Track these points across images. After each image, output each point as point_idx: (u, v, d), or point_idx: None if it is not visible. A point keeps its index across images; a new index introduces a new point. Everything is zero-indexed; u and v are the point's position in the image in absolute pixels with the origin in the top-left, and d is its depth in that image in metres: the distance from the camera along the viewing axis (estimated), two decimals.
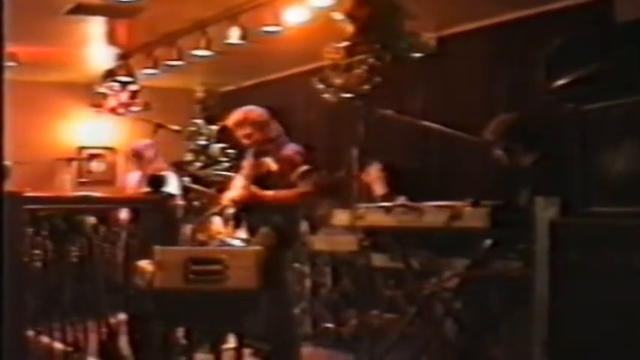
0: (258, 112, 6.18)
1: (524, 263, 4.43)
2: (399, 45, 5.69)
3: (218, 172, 7.42)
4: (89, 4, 7.01)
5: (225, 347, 4.93)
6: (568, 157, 3.78)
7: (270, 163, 6.05)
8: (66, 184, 10.03)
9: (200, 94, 10.43)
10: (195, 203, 6.65)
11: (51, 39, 8.23)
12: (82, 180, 10.99)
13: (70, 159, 10.65)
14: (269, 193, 5.96)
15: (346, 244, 5.90)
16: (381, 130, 6.16)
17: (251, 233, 5.79)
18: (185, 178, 6.80)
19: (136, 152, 8.01)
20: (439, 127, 5.80)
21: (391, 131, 6.97)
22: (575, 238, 3.61)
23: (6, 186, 3.36)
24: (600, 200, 3.58)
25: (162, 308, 4.47)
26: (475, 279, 5.03)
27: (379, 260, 5.57)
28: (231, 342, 5.02)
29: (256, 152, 6.13)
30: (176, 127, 7.72)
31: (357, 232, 5.26)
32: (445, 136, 6.04)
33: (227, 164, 9.20)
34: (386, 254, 5.53)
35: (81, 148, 11.18)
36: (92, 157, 11.24)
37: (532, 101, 5.63)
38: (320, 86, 5.90)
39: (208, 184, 6.79)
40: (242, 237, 5.72)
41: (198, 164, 9.36)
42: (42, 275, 4.50)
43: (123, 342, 4.92)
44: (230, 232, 5.71)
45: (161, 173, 6.82)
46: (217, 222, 5.98)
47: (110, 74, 8.98)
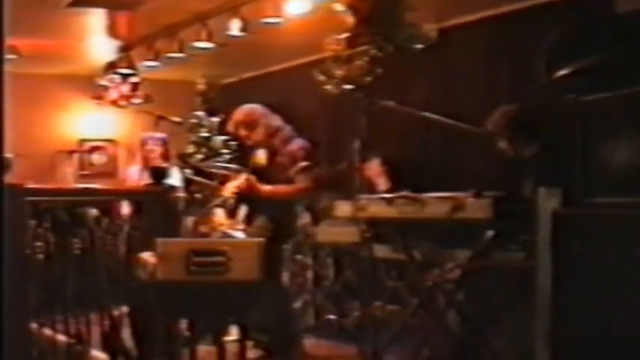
0: (245, 112, 6.18)
1: (526, 254, 4.43)
2: (400, 36, 5.69)
3: (220, 165, 7.41)
4: None
5: (227, 339, 4.94)
6: (570, 148, 3.78)
7: (261, 157, 6.04)
8: (67, 177, 10.06)
9: (201, 87, 10.42)
10: (197, 195, 6.65)
11: (52, 31, 8.22)
12: (84, 172, 10.99)
13: (72, 151, 10.68)
14: (267, 188, 5.97)
15: (348, 236, 5.89)
16: (383, 122, 6.16)
17: (248, 224, 5.79)
18: (187, 171, 6.79)
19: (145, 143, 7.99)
20: (441, 119, 5.80)
21: (393, 123, 6.98)
22: (577, 229, 3.61)
23: (8, 178, 3.36)
24: (602, 191, 3.57)
25: (164, 300, 4.48)
26: (477, 270, 5.03)
27: (381, 251, 5.57)
28: (233, 334, 5.02)
29: (265, 148, 6.14)
30: (177, 119, 7.71)
31: (360, 224, 5.26)
32: (447, 128, 6.04)
33: (229, 156, 9.20)
34: (388, 245, 5.53)
35: (82, 141, 11.18)
36: (93, 150, 11.24)
37: (533, 92, 5.62)
38: (321, 78, 5.90)
39: (210, 177, 6.79)
40: (239, 227, 5.73)
41: (199, 156, 9.37)
42: (44, 267, 4.50)
43: (125, 334, 4.93)
44: (232, 224, 5.71)
45: (163, 165, 6.83)
46: (219, 214, 5.98)
47: (111, 66, 8.97)
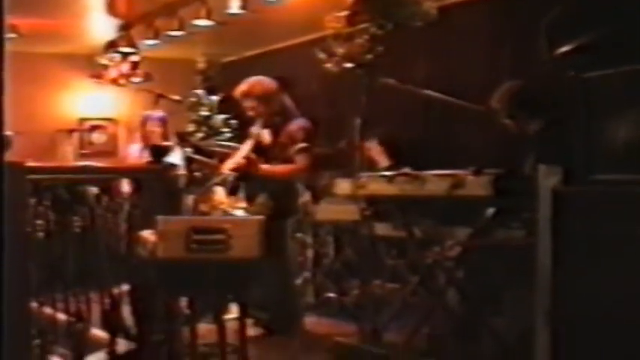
0: (263, 86, 6.17)
1: (526, 232, 4.42)
2: (401, 14, 5.67)
3: (220, 143, 7.40)
4: None
5: (227, 317, 4.94)
6: (571, 125, 3.77)
7: (265, 135, 6.05)
8: (68, 156, 10.05)
9: (201, 65, 10.41)
10: (197, 174, 6.64)
11: (51, 10, 8.19)
12: (84, 151, 11.00)
13: (72, 130, 10.68)
14: (265, 167, 5.97)
15: (348, 214, 5.89)
16: (384, 100, 6.14)
17: (248, 202, 5.79)
18: (187, 149, 6.79)
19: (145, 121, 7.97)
20: (442, 96, 5.79)
21: (393, 101, 6.96)
22: (577, 206, 3.60)
23: (8, 156, 3.35)
24: (603, 168, 3.57)
25: (164, 278, 4.48)
26: (477, 248, 5.03)
27: (381, 229, 5.57)
28: (233, 311, 5.03)
29: (263, 123, 6.13)
30: (177, 98, 7.71)
31: (360, 202, 5.26)
32: (448, 105, 6.03)
33: (229, 135, 9.21)
34: (388, 223, 5.53)
35: (82, 120, 11.18)
36: (93, 129, 11.24)
37: (535, 69, 5.60)
38: (322, 56, 5.88)
39: (210, 155, 6.78)
40: (241, 206, 5.73)
41: (200, 135, 9.37)
42: (45, 246, 4.49)
43: (126, 312, 4.93)
44: (232, 202, 5.70)
45: (163, 144, 6.82)
46: (219, 192, 5.98)
47: (111, 45, 8.94)
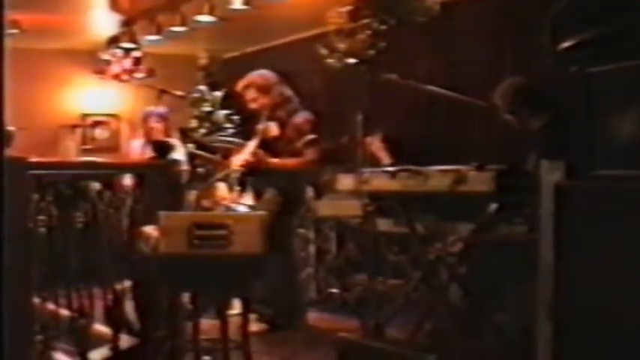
0: (262, 77, 6.21)
1: (529, 227, 4.42)
2: (403, 9, 5.67)
3: (222, 139, 7.41)
4: None
5: (231, 312, 4.95)
6: (574, 121, 3.76)
7: (272, 128, 6.06)
8: (70, 151, 10.06)
9: (203, 61, 10.41)
10: (199, 169, 6.65)
11: (54, 6, 8.19)
12: (86, 147, 11.00)
13: (74, 126, 10.69)
14: (274, 160, 5.99)
15: (351, 209, 5.90)
16: (386, 96, 6.14)
17: (257, 198, 5.80)
18: (189, 145, 6.79)
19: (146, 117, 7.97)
20: (444, 92, 5.78)
21: (396, 96, 6.95)
22: (580, 202, 3.60)
23: (11, 152, 3.34)
24: (606, 163, 3.56)
25: (167, 274, 4.48)
26: (480, 243, 5.03)
27: (384, 225, 5.57)
28: (236, 307, 5.03)
29: (268, 118, 6.14)
30: (180, 93, 7.71)
31: (362, 197, 5.26)
32: (450, 101, 6.02)
33: (232, 130, 9.21)
34: (391, 219, 5.53)
35: (85, 115, 11.18)
36: (96, 124, 11.25)
37: (538, 65, 5.60)
38: (324, 51, 5.89)
39: (213, 151, 6.79)
40: (247, 202, 5.73)
41: (202, 130, 9.37)
42: (47, 241, 4.49)
43: (128, 308, 4.93)
44: (234, 198, 5.71)
45: (166, 139, 6.83)
46: (222, 188, 5.99)
47: (113, 41, 8.94)
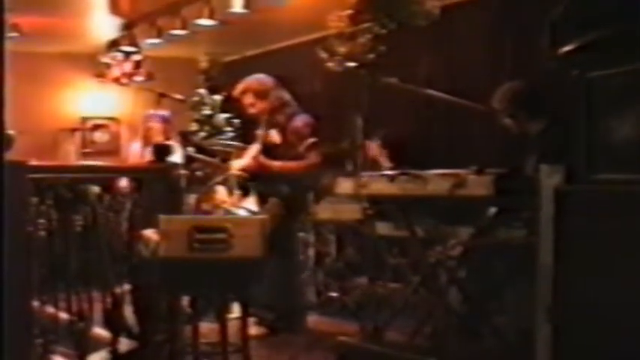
0: (259, 81, 6.21)
1: (528, 231, 4.42)
2: (403, 13, 5.67)
3: (222, 142, 7.42)
4: None
5: (230, 316, 4.95)
6: (573, 124, 3.77)
7: (274, 136, 6.07)
8: (70, 155, 10.07)
9: (204, 64, 10.42)
10: (199, 173, 6.66)
11: (54, 9, 8.20)
12: (86, 150, 11.01)
13: (74, 129, 10.70)
14: (276, 164, 6.00)
15: (350, 213, 5.90)
16: (386, 99, 6.15)
17: (260, 203, 5.80)
18: (189, 148, 6.80)
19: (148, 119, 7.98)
20: (444, 96, 5.78)
21: (395, 100, 6.96)
22: (579, 206, 3.60)
23: (10, 155, 3.34)
24: (606, 167, 3.56)
25: (166, 277, 4.48)
26: (479, 247, 5.03)
27: (383, 229, 5.57)
28: (236, 311, 5.03)
29: (267, 122, 6.15)
30: (180, 97, 7.71)
31: (362, 201, 5.26)
32: (450, 105, 6.03)
33: (231, 134, 9.22)
34: (390, 223, 5.53)
35: (84, 119, 11.19)
36: (96, 128, 11.25)
37: (537, 69, 5.60)
38: (324, 55, 5.89)
39: (213, 154, 6.79)
40: (250, 207, 5.73)
41: (202, 134, 9.38)
42: (46, 245, 4.49)
43: (128, 311, 4.93)
44: (234, 201, 5.71)
45: (165, 143, 6.83)
46: (221, 191, 5.99)
47: (113, 44, 8.95)
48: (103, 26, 8.80)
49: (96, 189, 4.81)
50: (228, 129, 9.54)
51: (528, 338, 3.79)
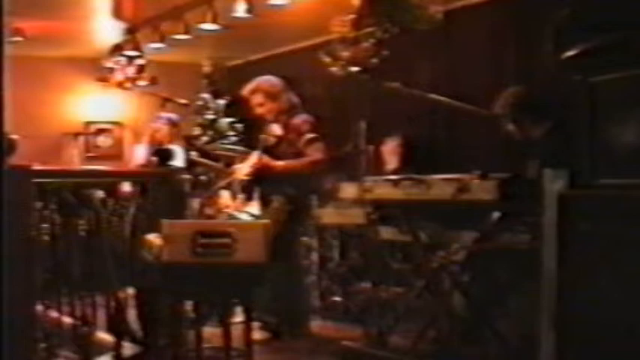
0: (270, 82, 6.25)
1: (532, 236, 4.42)
2: (406, 18, 5.67)
3: (226, 146, 7.41)
4: None
5: (234, 321, 4.95)
6: (577, 129, 3.77)
7: (275, 129, 6.07)
8: (73, 159, 10.07)
9: (207, 69, 10.40)
10: (202, 177, 6.66)
11: (57, 13, 8.20)
12: (90, 155, 11.03)
13: (77, 134, 10.70)
14: (280, 163, 6.00)
15: (354, 218, 5.90)
16: (389, 104, 6.15)
17: (264, 206, 5.80)
18: (193, 152, 6.80)
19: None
20: (447, 100, 5.78)
21: (398, 105, 6.96)
22: (583, 211, 3.60)
23: (14, 160, 3.35)
24: (609, 172, 3.56)
25: (170, 282, 4.48)
26: (483, 252, 5.02)
27: (387, 233, 5.57)
28: (239, 315, 5.03)
29: (271, 123, 6.16)
30: (183, 101, 7.73)
31: (365, 205, 5.25)
32: (453, 109, 6.02)
33: (235, 138, 9.21)
34: (394, 227, 5.53)
35: (88, 123, 11.20)
36: (99, 132, 11.27)
37: (540, 73, 5.60)
38: (327, 59, 5.88)
39: (216, 159, 6.79)
40: (253, 211, 5.73)
41: (205, 138, 9.37)
42: (50, 249, 4.50)
43: (131, 316, 4.94)
44: (238, 206, 5.71)
45: (169, 147, 6.83)
46: (225, 196, 5.99)
47: (117, 48, 8.96)
48: (107, 30, 8.81)
49: (100, 193, 4.82)
50: (231, 133, 9.52)
51: (532, 343, 3.79)
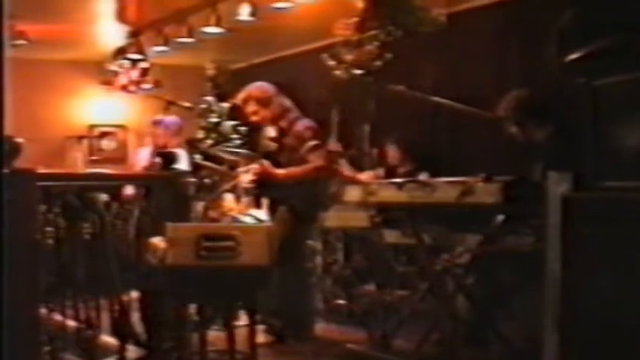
0: (261, 89, 6.21)
1: (536, 238, 4.42)
2: (410, 21, 5.68)
3: (229, 150, 7.42)
4: None
5: (238, 324, 4.95)
6: (580, 132, 3.76)
7: (270, 131, 6.06)
8: (77, 162, 10.07)
9: (211, 72, 10.44)
10: (206, 180, 6.66)
11: (61, 17, 8.22)
12: (93, 158, 11.05)
13: (81, 137, 10.70)
14: (282, 171, 5.99)
15: (358, 221, 5.90)
16: (392, 107, 6.15)
17: (271, 212, 5.79)
18: (196, 156, 6.81)
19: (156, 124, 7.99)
20: (450, 103, 5.79)
21: (402, 107, 6.96)
22: (587, 213, 3.60)
23: (18, 163, 3.36)
24: (613, 175, 3.56)
25: (174, 285, 4.48)
26: (487, 254, 5.02)
27: (391, 236, 5.57)
28: (243, 319, 5.03)
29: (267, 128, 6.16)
30: (187, 104, 7.73)
31: (369, 208, 5.25)
32: (457, 112, 6.02)
33: (239, 141, 9.22)
34: (398, 230, 5.53)
35: (92, 126, 11.22)
36: (103, 135, 11.29)
37: (544, 76, 5.60)
38: (331, 63, 5.89)
39: (220, 162, 6.80)
40: (257, 215, 5.73)
41: (209, 141, 9.38)
42: (54, 252, 4.50)
43: (135, 319, 4.94)
44: (242, 209, 5.71)
45: (172, 150, 6.84)
46: (229, 199, 5.99)
47: (121, 52, 8.98)
48: (110, 34, 8.83)
49: (104, 196, 4.82)
50: (235, 136, 9.54)
51: (536, 346, 3.79)
